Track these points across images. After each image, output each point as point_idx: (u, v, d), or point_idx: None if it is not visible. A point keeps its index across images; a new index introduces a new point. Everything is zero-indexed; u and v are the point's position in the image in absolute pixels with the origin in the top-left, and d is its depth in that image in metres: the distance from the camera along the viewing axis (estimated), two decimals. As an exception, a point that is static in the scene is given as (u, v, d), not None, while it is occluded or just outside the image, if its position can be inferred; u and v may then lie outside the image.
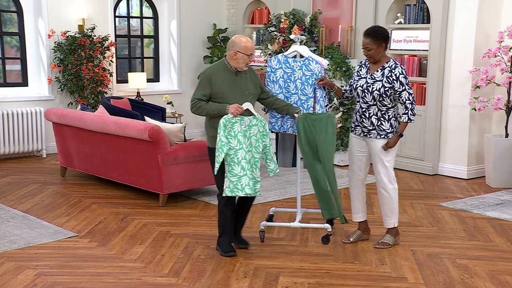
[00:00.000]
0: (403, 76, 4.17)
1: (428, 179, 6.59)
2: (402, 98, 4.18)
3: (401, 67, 4.21)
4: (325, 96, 4.45)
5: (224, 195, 4.04)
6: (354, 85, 4.30)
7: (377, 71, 4.22)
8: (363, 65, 4.35)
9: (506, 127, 6.33)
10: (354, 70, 7.18)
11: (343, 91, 4.50)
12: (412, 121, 4.21)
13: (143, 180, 5.51)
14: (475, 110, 6.38)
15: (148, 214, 5.15)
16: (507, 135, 6.33)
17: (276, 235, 4.60)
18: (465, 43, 6.47)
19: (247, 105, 4.05)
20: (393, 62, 4.22)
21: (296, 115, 4.28)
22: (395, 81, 4.17)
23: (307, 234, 4.62)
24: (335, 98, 6.70)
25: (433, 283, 3.73)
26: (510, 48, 6.17)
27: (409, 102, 4.17)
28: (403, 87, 4.17)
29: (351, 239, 4.45)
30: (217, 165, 3.98)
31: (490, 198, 5.80)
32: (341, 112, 4.28)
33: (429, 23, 6.70)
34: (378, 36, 4.17)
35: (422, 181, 6.51)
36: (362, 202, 4.48)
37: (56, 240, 4.44)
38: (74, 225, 4.79)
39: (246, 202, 4.29)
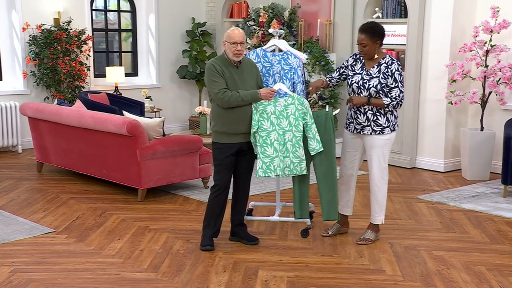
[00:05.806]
0: (398, 73, 4.13)
1: (405, 173, 6.66)
2: (393, 94, 4.13)
3: (398, 63, 4.16)
4: (304, 91, 4.46)
5: (257, 176, 4.13)
6: (349, 81, 4.24)
7: (373, 67, 4.17)
8: (358, 59, 4.27)
9: (481, 121, 6.42)
10: (333, 61, 7.18)
11: (328, 80, 4.40)
12: (388, 108, 4.15)
13: (121, 175, 5.46)
14: (452, 104, 6.45)
15: (127, 209, 5.11)
16: (482, 129, 6.42)
17: (255, 229, 4.61)
18: (442, 37, 6.54)
19: (279, 86, 4.05)
20: (390, 58, 4.17)
21: None
22: (389, 77, 4.12)
23: (286, 228, 4.64)
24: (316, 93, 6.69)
25: (410, 275, 3.78)
26: (485, 43, 6.25)
27: (399, 99, 4.13)
28: (396, 84, 4.13)
29: (330, 233, 4.48)
30: (252, 131, 4.03)
31: (466, 191, 5.89)
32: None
33: (407, 17, 6.76)
34: (374, 33, 4.12)
35: (400, 174, 6.58)
36: (351, 197, 4.48)
37: (32, 236, 4.38)
38: (51, 221, 4.74)
39: (242, 186, 4.24)
